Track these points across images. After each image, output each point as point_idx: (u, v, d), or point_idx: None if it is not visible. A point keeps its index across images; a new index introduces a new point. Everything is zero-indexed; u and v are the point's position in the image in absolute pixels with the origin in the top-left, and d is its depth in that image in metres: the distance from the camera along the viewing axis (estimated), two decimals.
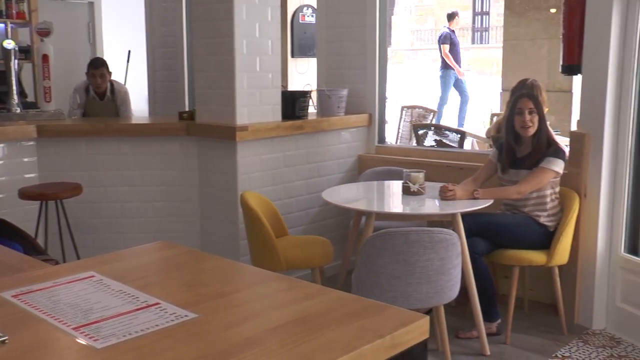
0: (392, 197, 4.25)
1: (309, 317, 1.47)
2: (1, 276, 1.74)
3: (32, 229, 4.15)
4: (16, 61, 4.94)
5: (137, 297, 1.56)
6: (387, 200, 4.30)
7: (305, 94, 4.70)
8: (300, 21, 8.57)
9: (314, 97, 5.03)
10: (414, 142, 6.80)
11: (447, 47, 9.91)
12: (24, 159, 4.45)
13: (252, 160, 4.30)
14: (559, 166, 3.79)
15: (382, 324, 1.43)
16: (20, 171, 4.42)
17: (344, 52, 5.12)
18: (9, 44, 4.87)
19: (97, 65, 5.49)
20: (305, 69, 8.54)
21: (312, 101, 4.94)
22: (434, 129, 6.47)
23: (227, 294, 1.62)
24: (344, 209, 4.05)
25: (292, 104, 4.54)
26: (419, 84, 17.07)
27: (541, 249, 3.83)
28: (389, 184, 4.37)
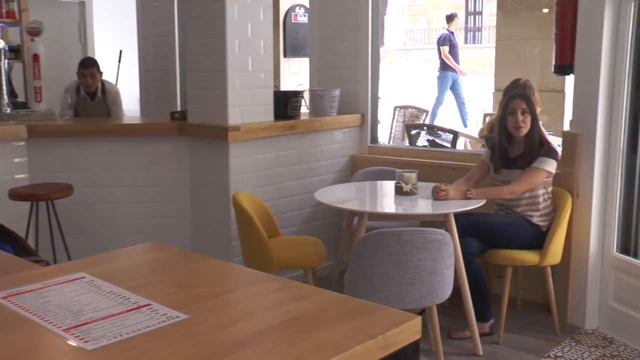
0: (384, 197, 4.25)
1: (301, 317, 1.47)
2: None
3: (23, 230, 4.12)
4: (6, 61, 4.92)
5: (128, 298, 1.56)
6: (380, 200, 4.30)
7: (297, 94, 4.69)
8: (292, 21, 8.56)
9: (306, 97, 5.02)
10: (406, 142, 6.81)
11: (446, 49, 9.90)
12: (14, 160, 4.43)
13: (244, 160, 4.29)
14: (551, 166, 3.79)
15: (374, 324, 1.43)
16: (10, 171, 4.39)
17: (337, 52, 5.12)
18: None
19: (88, 65, 5.47)
20: (297, 69, 8.53)
21: (305, 101, 4.93)
22: (426, 129, 6.48)
23: (218, 295, 1.62)
24: (336, 209, 4.04)
25: (285, 104, 4.53)
26: (411, 83, 17.11)
27: (534, 249, 3.84)
28: (382, 184, 4.36)
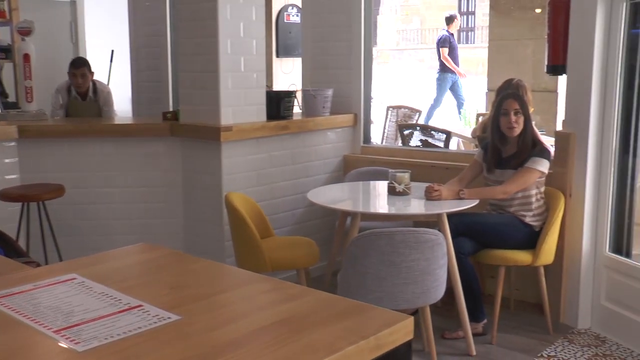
0: (377, 198, 4.24)
1: (293, 318, 1.47)
2: None
3: (14, 231, 4.11)
4: None
5: (120, 300, 1.55)
6: (373, 200, 4.30)
7: (290, 94, 4.68)
8: (285, 21, 8.55)
9: (299, 97, 5.02)
10: (399, 142, 6.80)
11: (446, 51, 9.88)
12: (5, 160, 4.41)
13: (236, 160, 4.28)
14: (544, 166, 3.80)
15: (366, 324, 1.43)
16: (1, 172, 4.37)
17: (329, 52, 5.11)
18: None
19: (78, 65, 5.44)
20: (290, 69, 8.52)
21: (297, 101, 4.93)
22: (419, 129, 6.47)
23: (210, 296, 1.61)
24: (329, 209, 4.04)
25: (277, 104, 4.53)
26: (404, 83, 17.13)
27: (527, 249, 3.84)
28: (375, 184, 4.36)
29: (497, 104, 3.91)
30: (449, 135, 6.12)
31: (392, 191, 3.89)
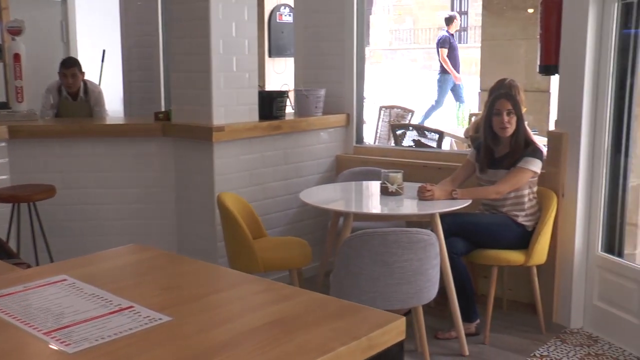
0: (370, 198, 4.24)
1: (285, 319, 1.47)
2: None
3: (4, 232, 4.09)
4: None
5: (111, 301, 1.54)
6: (365, 200, 4.29)
7: (282, 94, 4.67)
8: (277, 20, 8.55)
9: (291, 97, 5.01)
10: (392, 142, 6.80)
11: (445, 51, 9.87)
12: None
13: (229, 161, 4.27)
14: (536, 166, 3.80)
15: (358, 325, 1.43)
16: None
17: (322, 52, 5.10)
18: None
19: (69, 64, 5.42)
20: (282, 69, 8.51)
21: (290, 101, 4.92)
22: (412, 128, 6.47)
23: (201, 297, 1.61)
24: (322, 209, 4.03)
25: (270, 104, 4.52)
26: (397, 83, 17.14)
27: (519, 249, 3.84)
28: (367, 185, 4.36)
29: (490, 104, 3.91)
30: (441, 135, 6.13)
31: (384, 191, 3.89)
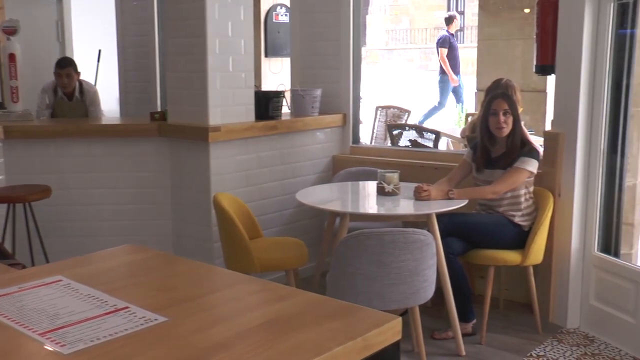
0: (366, 198, 4.23)
1: (280, 319, 1.47)
2: None
3: None
4: None
5: (106, 301, 1.54)
6: (362, 200, 4.29)
7: (278, 94, 4.67)
8: (273, 20, 8.55)
9: (287, 97, 5.00)
10: (388, 142, 6.80)
11: (445, 51, 9.84)
12: None
13: (225, 161, 4.26)
14: (533, 166, 3.80)
15: (354, 325, 1.43)
16: None
17: (318, 52, 5.10)
18: None
19: (64, 64, 5.41)
20: (279, 69, 8.51)
21: (286, 101, 4.92)
22: (408, 128, 6.47)
23: (197, 297, 1.60)
24: (318, 210, 4.02)
25: (266, 104, 4.51)
26: (393, 83, 17.15)
27: (516, 249, 3.84)
28: (364, 185, 4.35)
29: (486, 104, 3.91)
30: (438, 135, 6.13)
31: (381, 191, 3.89)
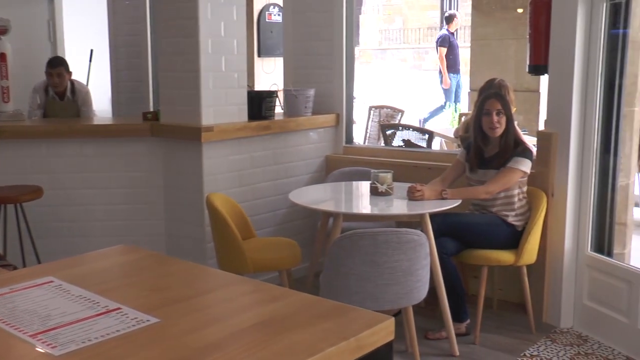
0: (360, 198, 4.23)
1: (273, 320, 1.46)
2: None
3: None
4: None
5: (98, 302, 1.53)
6: (355, 201, 4.29)
7: (271, 94, 4.66)
8: (266, 20, 8.53)
9: (280, 97, 4.99)
10: (382, 142, 6.80)
11: (444, 50, 9.82)
12: None
13: (218, 161, 4.25)
14: (526, 166, 3.80)
15: (347, 326, 1.43)
16: None
17: (311, 52, 5.09)
18: None
19: (55, 64, 5.38)
20: (271, 69, 8.50)
21: (279, 101, 4.91)
22: (402, 128, 6.47)
23: (189, 298, 1.60)
24: (311, 210, 4.02)
25: (259, 104, 4.50)
26: (387, 83, 17.17)
27: (509, 249, 3.84)
28: (357, 185, 4.35)
29: (480, 104, 3.91)
30: (431, 135, 6.13)
31: (374, 191, 3.88)
